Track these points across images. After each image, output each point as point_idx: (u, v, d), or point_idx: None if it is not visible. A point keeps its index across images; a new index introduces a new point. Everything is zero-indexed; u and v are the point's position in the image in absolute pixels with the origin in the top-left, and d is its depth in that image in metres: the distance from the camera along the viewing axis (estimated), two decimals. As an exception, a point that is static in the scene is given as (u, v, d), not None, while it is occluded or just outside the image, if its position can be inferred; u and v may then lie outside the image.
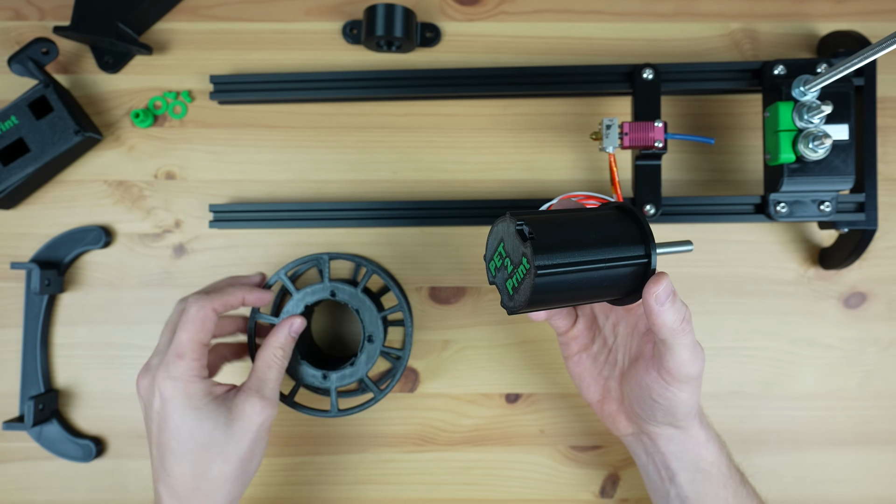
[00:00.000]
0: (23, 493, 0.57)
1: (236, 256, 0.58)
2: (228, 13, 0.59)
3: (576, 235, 0.37)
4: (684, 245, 0.40)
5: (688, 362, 0.39)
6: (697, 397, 0.42)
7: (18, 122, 0.54)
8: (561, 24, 0.59)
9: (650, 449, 0.46)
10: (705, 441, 0.45)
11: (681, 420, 0.43)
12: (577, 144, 0.58)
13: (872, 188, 0.52)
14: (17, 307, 0.57)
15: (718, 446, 0.45)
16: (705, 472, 0.45)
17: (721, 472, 0.45)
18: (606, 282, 0.38)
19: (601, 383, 0.47)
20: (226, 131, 0.58)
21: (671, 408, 0.42)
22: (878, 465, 0.57)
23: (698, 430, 0.44)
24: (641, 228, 0.38)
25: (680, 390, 0.40)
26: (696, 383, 0.41)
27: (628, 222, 0.39)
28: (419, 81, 0.56)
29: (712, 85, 0.54)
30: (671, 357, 0.39)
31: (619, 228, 0.38)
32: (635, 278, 0.38)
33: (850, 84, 0.49)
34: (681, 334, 0.38)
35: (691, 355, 0.39)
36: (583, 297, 0.39)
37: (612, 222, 0.39)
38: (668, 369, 0.40)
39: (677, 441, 0.44)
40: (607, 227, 0.38)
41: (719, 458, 0.45)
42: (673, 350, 0.39)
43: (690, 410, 0.42)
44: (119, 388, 0.57)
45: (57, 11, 0.59)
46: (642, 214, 0.39)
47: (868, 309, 0.57)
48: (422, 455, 0.57)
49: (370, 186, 0.58)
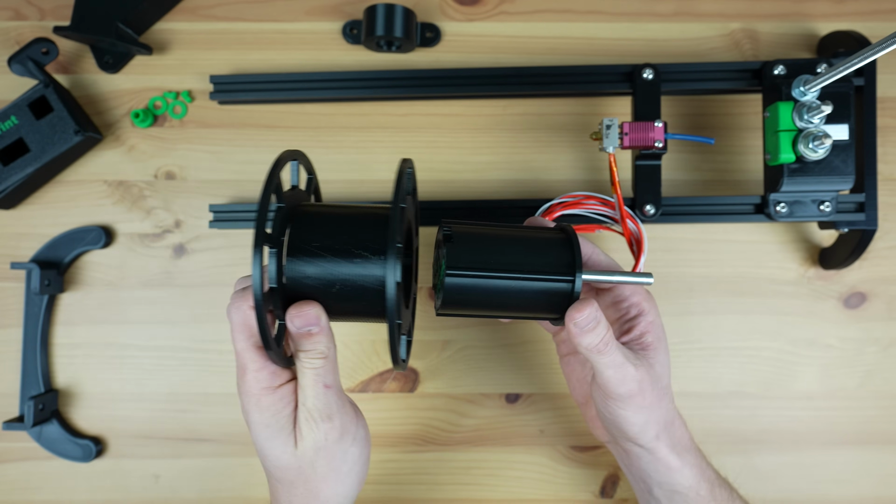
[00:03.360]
0: (23, 493, 0.57)
1: (236, 256, 0.58)
2: (228, 13, 0.59)
3: (497, 246, 0.38)
4: (643, 276, 0.40)
5: (612, 381, 0.40)
6: (651, 417, 0.41)
7: (18, 122, 0.54)
8: (561, 24, 0.59)
9: (626, 461, 0.46)
10: (679, 467, 0.43)
11: (636, 439, 0.42)
12: (577, 144, 0.58)
13: (872, 188, 0.52)
14: (17, 307, 0.57)
15: (698, 472, 0.44)
16: (682, 494, 0.44)
17: (701, 496, 0.44)
18: (528, 296, 0.38)
19: (585, 387, 0.48)
20: (226, 131, 0.58)
21: (618, 424, 0.42)
22: (878, 465, 0.57)
23: (667, 454, 0.43)
24: (572, 252, 0.39)
25: (618, 407, 0.41)
26: (638, 402, 0.40)
27: (565, 245, 0.39)
28: (419, 81, 0.56)
29: (712, 85, 0.54)
30: (598, 375, 0.40)
31: (554, 249, 0.39)
32: (562, 298, 0.39)
33: (850, 84, 0.49)
34: (600, 355, 0.39)
35: (616, 374, 0.39)
36: (508, 308, 0.40)
37: (548, 242, 0.39)
38: (598, 385, 0.40)
39: (647, 461, 0.44)
40: (539, 245, 0.39)
41: (698, 483, 0.44)
42: (597, 369, 0.40)
43: (642, 431, 0.42)
44: (119, 388, 0.57)
45: (57, 11, 0.59)
46: (577, 240, 0.39)
47: (868, 309, 0.57)
48: (422, 455, 0.57)
49: (370, 186, 0.58)
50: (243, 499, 0.57)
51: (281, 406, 0.38)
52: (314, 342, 0.37)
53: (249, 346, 0.38)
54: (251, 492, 0.57)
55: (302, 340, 0.37)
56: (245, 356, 0.38)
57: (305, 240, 0.36)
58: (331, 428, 0.38)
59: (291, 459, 0.38)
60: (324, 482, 0.39)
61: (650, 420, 0.41)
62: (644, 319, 0.42)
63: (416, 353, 0.57)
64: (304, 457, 0.38)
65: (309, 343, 0.37)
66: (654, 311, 0.43)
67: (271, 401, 0.38)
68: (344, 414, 0.39)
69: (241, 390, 0.38)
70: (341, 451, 0.39)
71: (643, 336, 0.42)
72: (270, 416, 0.38)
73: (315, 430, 0.38)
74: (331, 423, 0.38)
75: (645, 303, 0.42)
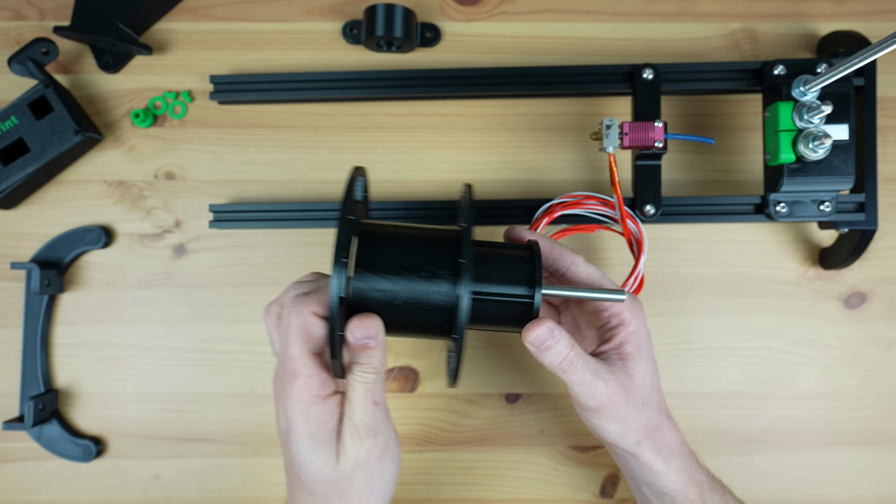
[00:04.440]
0: (23, 493, 0.57)
1: (236, 256, 0.58)
2: (228, 13, 0.59)
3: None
4: (614, 293, 0.40)
5: (581, 396, 0.40)
6: (629, 426, 0.42)
7: (18, 122, 0.54)
8: (561, 24, 0.59)
9: (618, 460, 0.47)
10: (664, 471, 0.43)
11: (615, 445, 0.43)
12: (577, 144, 0.58)
13: (872, 188, 0.52)
14: (17, 307, 0.57)
15: (685, 476, 0.44)
16: (669, 496, 0.44)
17: (689, 500, 0.44)
18: (491, 311, 0.39)
19: None
20: (226, 131, 0.58)
21: (595, 431, 0.43)
22: (878, 465, 0.57)
23: (652, 459, 0.43)
24: (533, 267, 0.39)
25: (592, 417, 0.42)
26: (610, 413, 0.41)
27: (527, 261, 0.39)
28: (419, 81, 0.56)
29: (712, 85, 0.54)
30: (568, 388, 0.41)
31: (516, 264, 0.39)
32: (520, 315, 0.39)
33: (850, 84, 0.49)
34: (564, 373, 0.39)
35: (584, 391, 0.40)
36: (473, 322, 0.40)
37: (512, 257, 0.40)
38: (571, 396, 0.41)
39: (633, 463, 0.44)
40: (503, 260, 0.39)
41: (686, 487, 0.44)
42: (567, 383, 0.40)
43: (620, 438, 0.42)
44: (119, 388, 0.57)
45: (57, 11, 0.59)
46: (538, 255, 0.40)
47: (868, 309, 0.57)
48: (422, 455, 0.57)
49: (370, 186, 0.58)
50: (243, 499, 0.57)
51: (327, 417, 0.38)
52: (370, 356, 0.37)
53: (305, 351, 0.37)
54: (251, 492, 0.57)
55: (359, 353, 0.37)
56: (299, 361, 0.37)
57: (374, 253, 0.37)
58: (374, 445, 0.38)
59: (331, 473, 0.38)
60: (358, 498, 0.39)
61: (626, 429, 0.42)
62: (624, 329, 0.42)
63: (416, 353, 0.57)
64: (343, 471, 0.38)
65: (365, 356, 0.37)
66: (637, 321, 0.42)
67: (319, 410, 0.37)
68: (388, 432, 0.39)
69: (287, 396, 0.37)
70: (380, 469, 0.39)
71: (622, 346, 0.42)
72: (316, 426, 0.37)
73: (359, 446, 0.37)
74: (375, 440, 0.38)
75: (626, 312, 0.42)
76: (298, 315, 0.37)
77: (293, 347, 0.37)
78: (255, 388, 0.57)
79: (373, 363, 0.37)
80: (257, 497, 0.57)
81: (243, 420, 0.57)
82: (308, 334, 0.37)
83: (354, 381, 0.37)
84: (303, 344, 0.37)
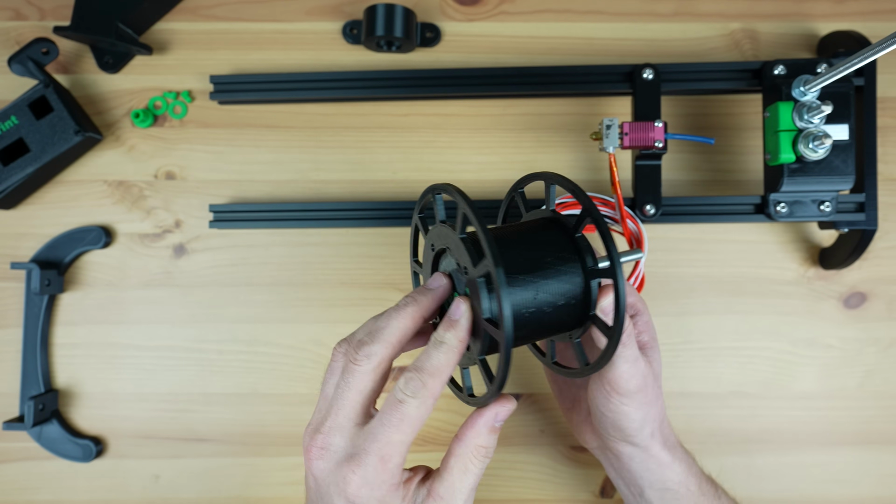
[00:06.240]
0: (23, 493, 0.57)
1: (236, 256, 0.58)
2: (228, 13, 0.59)
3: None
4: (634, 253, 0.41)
5: (625, 376, 0.40)
6: (649, 415, 0.42)
7: (18, 122, 0.54)
8: (561, 24, 0.59)
9: (615, 465, 0.47)
10: (670, 462, 0.44)
11: (632, 437, 0.43)
12: (577, 144, 0.58)
13: (872, 188, 0.52)
14: (17, 307, 0.57)
15: (686, 466, 0.45)
16: (673, 491, 0.45)
17: (690, 492, 0.45)
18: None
19: (572, 391, 0.49)
20: (226, 131, 0.58)
21: (618, 422, 0.42)
22: (878, 465, 0.57)
23: (660, 451, 0.44)
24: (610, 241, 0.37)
25: (622, 403, 0.41)
26: (641, 398, 0.41)
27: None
28: (419, 81, 0.56)
29: (712, 85, 0.54)
30: (611, 370, 0.40)
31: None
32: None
33: (850, 84, 0.49)
34: (623, 347, 0.39)
35: (630, 369, 0.40)
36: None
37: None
38: (608, 380, 0.41)
39: (639, 460, 0.45)
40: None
41: (687, 478, 0.45)
42: (614, 362, 0.40)
43: (640, 428, 0.42)
44: (119, 388, 0.57)
45: (57, 11, 0.59)
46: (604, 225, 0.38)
47: (868, 309, 0.57)
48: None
49: (370, 186, 0.58)
50: (243, 499, 0.57)
51: (399, 497, 0.35)
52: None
53: (408, 440, 0.34)
54: (251, 492, 0.57)
55: None
56: (396, 449, 0.34)
57: (508, 263, 0.36)
58: None
59: None
60: None
61: (647, 417, 0.42)
62: (640, 319, 0.43)
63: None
64: None
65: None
66: (648, 312, 0.44)
67: (396, 496, 0.35)
68: None
69: (365, 478, 0.33)
70: None
71: (640, 335, 0.43)
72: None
73: None
74: None
75: (640, 304, 0.43)
76: (424, 404, 0.34)
77: (395, 434, 0.33)
78: (255, 388, 0.57)
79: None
80: (257, 497, 0.57)
81: (243, 420, 0.57)
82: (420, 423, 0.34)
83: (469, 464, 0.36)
84: (408, 434, 0.34)
